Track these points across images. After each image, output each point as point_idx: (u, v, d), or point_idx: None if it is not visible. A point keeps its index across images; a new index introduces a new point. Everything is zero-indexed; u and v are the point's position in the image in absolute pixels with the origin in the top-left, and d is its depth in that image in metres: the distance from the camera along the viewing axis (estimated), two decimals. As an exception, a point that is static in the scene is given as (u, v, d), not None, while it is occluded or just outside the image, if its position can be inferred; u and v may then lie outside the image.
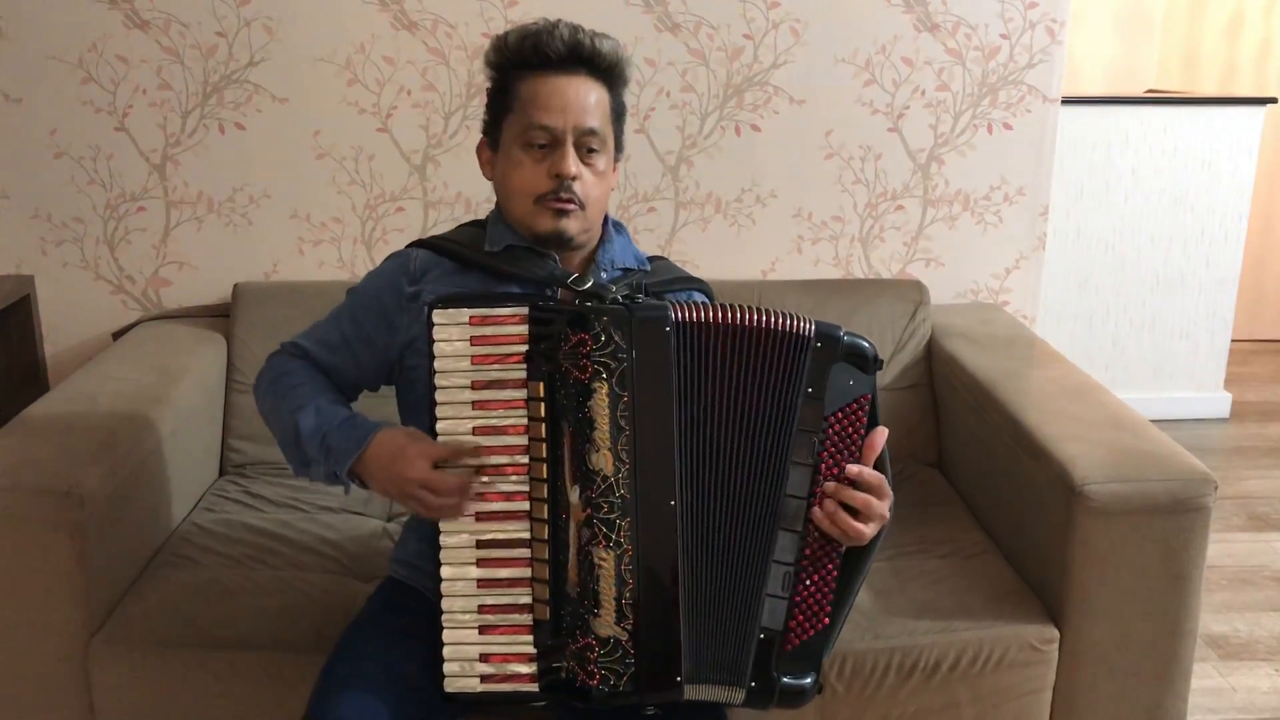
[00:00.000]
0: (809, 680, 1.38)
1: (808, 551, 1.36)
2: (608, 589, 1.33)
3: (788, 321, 1.34)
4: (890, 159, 2.60)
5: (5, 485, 1.68)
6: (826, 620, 1.37)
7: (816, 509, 1.34)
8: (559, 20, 1.49)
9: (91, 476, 1.72)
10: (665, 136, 2.55)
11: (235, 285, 2.43)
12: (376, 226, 2.55)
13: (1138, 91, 4.50)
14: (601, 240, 1.58)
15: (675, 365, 1.32)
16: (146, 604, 1.80)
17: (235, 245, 2.54)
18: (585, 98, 1.48)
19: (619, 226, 1.64)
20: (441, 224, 2.53)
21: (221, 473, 2.31)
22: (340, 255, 2.56)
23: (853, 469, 1.35)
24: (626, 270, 1.59)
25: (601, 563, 1.32)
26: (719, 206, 2.61)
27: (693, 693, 1.36)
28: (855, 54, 2.53)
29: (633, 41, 2.47)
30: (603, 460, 1.32)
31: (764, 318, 1.34)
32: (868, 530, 1.34)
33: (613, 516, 1.32)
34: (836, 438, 1.36)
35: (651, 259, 1.66)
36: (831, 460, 1.36)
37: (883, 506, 1.35)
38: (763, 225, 2.63)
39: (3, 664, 1.73)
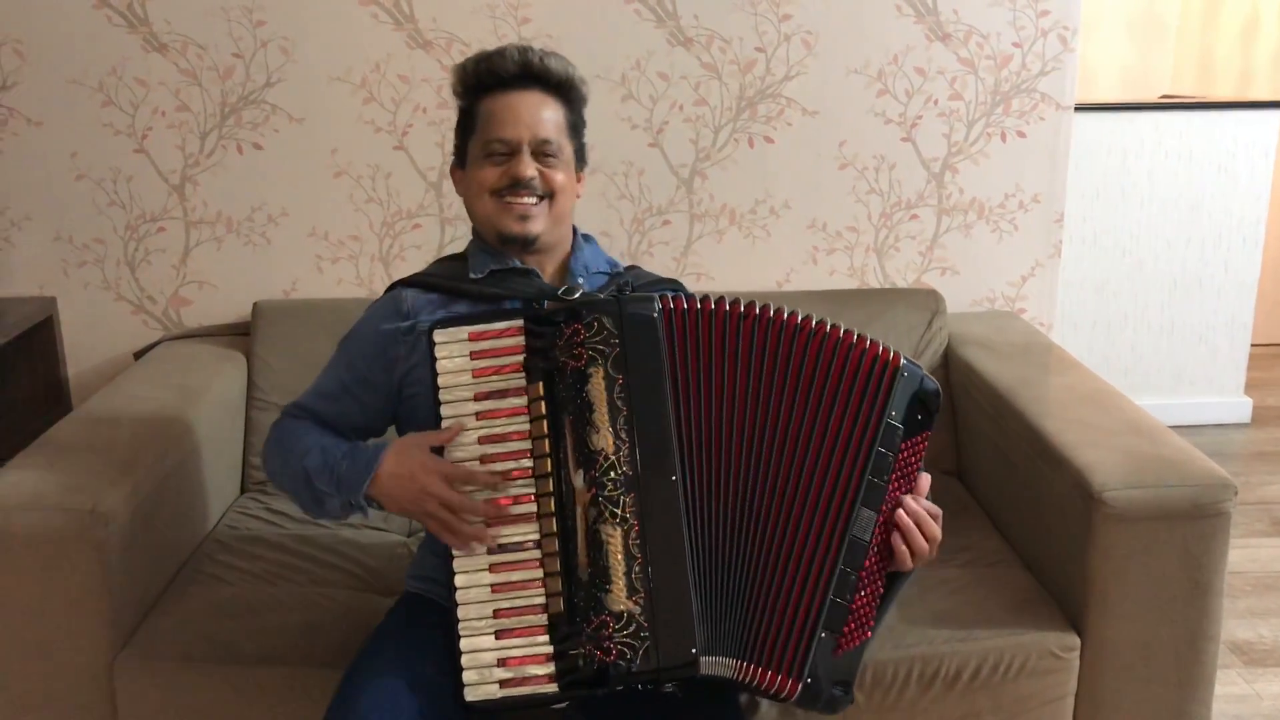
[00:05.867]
0: (848, 690, 1.42)
1: (868, 563, 1.40)
2: (617, 564, 1.36)
3: (871, 344, 1.41)
4: (904, 168, 2.61)
5: (31, 505, 1.70)
6: (869, 634, 1.42)
7: (895, 521, 1.41)
8: (509, 44, 1.61)
9: (115, 495, 1.74)
10: (679, 149, 2.56)
11: (255, 304, 2.45)
12: (394, 244, 2.57)
13: (1152, 97, 4.49)
14: (572, 249, 1.68)
15: (667, 350, 1.40)
16: (170, 620, 1.81)
17: (254, 264, 2.56)
18: (538, 111, 1.59)
19: (587, 237, 1.73)
20: (458, 240, 2.54)
21: (243, 490, 2.33)
22: (358, 272, 2.58)
23: (924, 516, 1.43)
24: (607, 275, 1.68)
25: (609, 539, 1.36)
26: (733, 218, 2.62)
27: (711, 666, 1.37)
28: (867, 65, 2.54)
29: (645, 56, 2.49)
30: (603, 440, 1.37)
31: (847, 335, 1.41)
32: (910, 562, 1.43)
33: (617, 493, 1.36)
34: (902, 465, 1.42)
35: (629, 268, 1.74)
36: (895, 485, 1.42)
37: (938, 543, 1.45)
38: (777, 236, 2.63)
39: (30, 681, 1.74)
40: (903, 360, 1.41)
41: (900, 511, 1.41)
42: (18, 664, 1.74)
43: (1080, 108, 2.83)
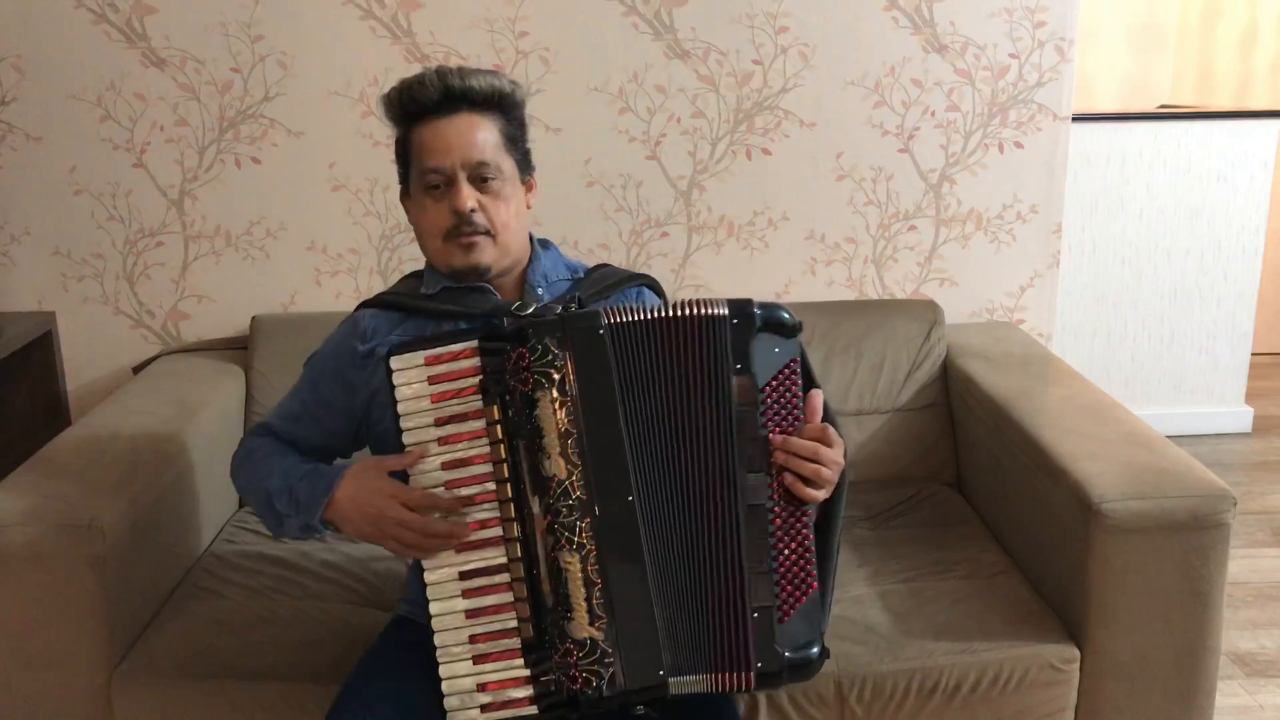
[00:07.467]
0: (814, 650, 1.39)
1: (777, 522, 1.37)
2: (577, 591, 1.34)
3: (703, 307, 1.36)
4: (902, 180, 2.61)
5: (28, 520, 1.70)
6: (815, 585, 1.38)
7: (786, 468, 1.37)
8: (428, 68, 1.56)
9: (113, 510, 1.74)
10: (677, 162, 2.57)
11: (253, 317, 2.46)
12: (393, 257, 2.57)
13: (1152, 106, 4.49)
14: (530, 259, 1.63)
15: (614, 366, 1.36)
16: (168, 635, 1.81)
17: (253, 278, 2.56)
18: (469, 134, 1.52)
19: (545, 243, 1.68)
20: (456, 253, 2.54)
21: (241, 504, 2.32)
22: (357, 286, 2.58)
23: (791, 440, 1.37)
24: (570, 280, 1.64)
25: (568, 566, 1.34)
26: (732, 230, 2.62)
27: (680, 686, 1.37)
28: (864, 76, 2.54)
29: (643, 68, 2.49)
30: (555, 466, 1.35)
31: (683, 308, 1.36)
32: (820, 494, 1.38)
33: (572, 519, 1.34)
34: (776, 406, 1.38)
35: (595, 268, 1.69)
36: (778, 430, 1.38)
37: (833, 460, 1.38)
38: (776, 248, 2.63)
39: (27, 696, 1.74)
40: (725, 310, 1.36)
41: (786, 457, 1.36)
42: (15, 679, 1.73)
43: (1078, 118, 2.83)
